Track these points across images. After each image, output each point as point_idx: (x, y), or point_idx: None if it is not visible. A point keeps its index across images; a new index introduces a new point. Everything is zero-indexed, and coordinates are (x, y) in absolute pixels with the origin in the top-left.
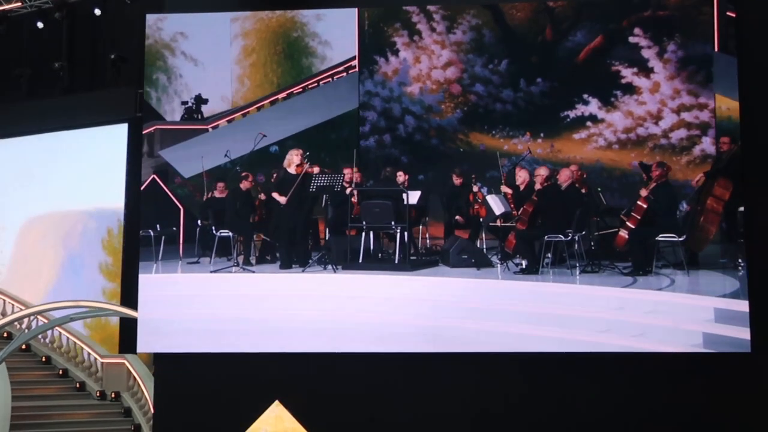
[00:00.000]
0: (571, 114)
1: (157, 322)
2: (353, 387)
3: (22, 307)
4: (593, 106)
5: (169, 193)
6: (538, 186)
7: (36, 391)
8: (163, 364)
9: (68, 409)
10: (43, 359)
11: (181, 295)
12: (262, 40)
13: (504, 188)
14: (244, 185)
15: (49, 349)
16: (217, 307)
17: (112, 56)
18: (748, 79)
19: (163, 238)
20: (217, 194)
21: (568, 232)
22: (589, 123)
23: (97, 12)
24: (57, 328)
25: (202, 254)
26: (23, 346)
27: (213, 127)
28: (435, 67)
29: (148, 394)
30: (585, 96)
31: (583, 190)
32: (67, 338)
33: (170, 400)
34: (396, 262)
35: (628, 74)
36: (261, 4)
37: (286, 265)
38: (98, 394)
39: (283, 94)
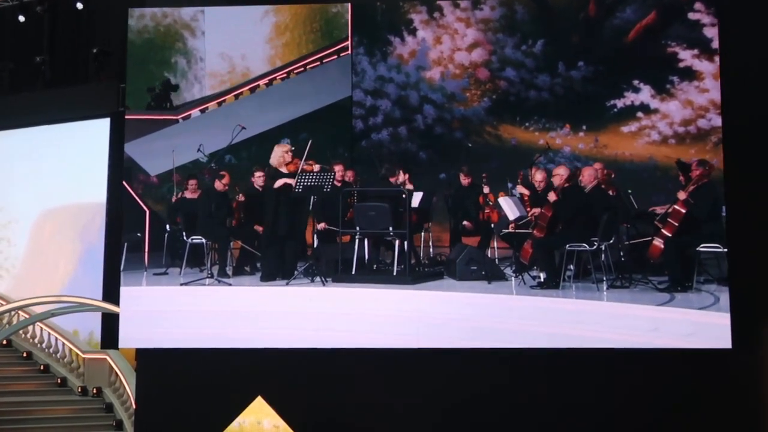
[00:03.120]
0: (619, 103)
1: (139, 318)
2: (337, 383)
3: (3, 303)
4: (645, 94)
5: (133, 194)
6: (557, 186)
7: (17, 386)
8: (146, 359)
9: (49, 405)
10: (25, 355)
11: (145, 311)
12: (297, 15)
13: (519, 189)
14: (219, 184)
15: (30, 344)
16: (187, 326)
17: (95, 50)
18: (730, 79)
19: (125, 245)
20: (188, 195)
21: (593, 240)
22: (640, 114)
23: (79, 6)
24: (38, 323)
25: (171, 264)
26: (4, 342)
27: (183, 118)
28: (458, 49)
29: (130, 390)
30: (635, 82)
31: (611, 192)
32: (49, 334)
33: (152, 395)
34: (394, 273)
35: (687, 57)
36: None
37: (268, 277)
38: (80, 390)
39: (265, 81)
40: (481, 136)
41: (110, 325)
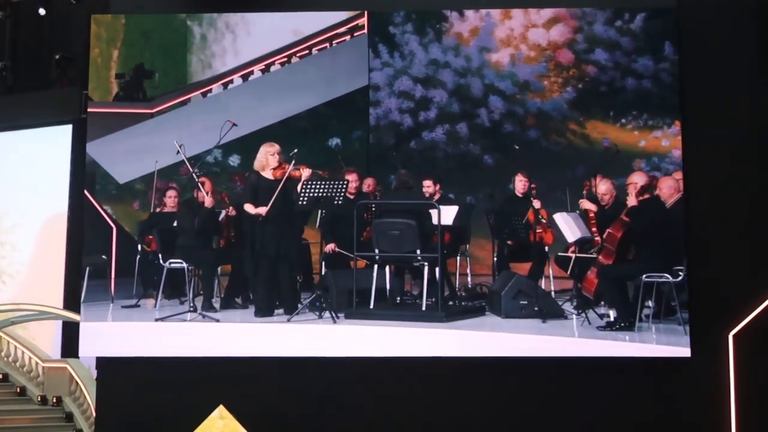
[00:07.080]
0: None
1: (100, 326)
2: (300, 391)
3: None
4: None
5: (97, 206)
6: (631, 201)
7: None
8: (106, 368)
9: (8, 415)
10: None
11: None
12: None
13: (584, 203)
14: (201, 195)
15: None
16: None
17: (57, 56)
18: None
19: (87, 270)
20: (167, 208)
21: (677, 269)
22: None
23: (42, 12)
24: None
25: (144, 294)
26: None
27: (159, 111)
28: (533, 25)
29: (90, 399)
30: None
31: None
32: (8, 342)
33: (113, 404)
34: (423, 308)
35: None
36: (218, 5)
37: (264, 312)
38: (39, 399)
39: (261, 66)
40: (563, 135)
41: (71, 333)
